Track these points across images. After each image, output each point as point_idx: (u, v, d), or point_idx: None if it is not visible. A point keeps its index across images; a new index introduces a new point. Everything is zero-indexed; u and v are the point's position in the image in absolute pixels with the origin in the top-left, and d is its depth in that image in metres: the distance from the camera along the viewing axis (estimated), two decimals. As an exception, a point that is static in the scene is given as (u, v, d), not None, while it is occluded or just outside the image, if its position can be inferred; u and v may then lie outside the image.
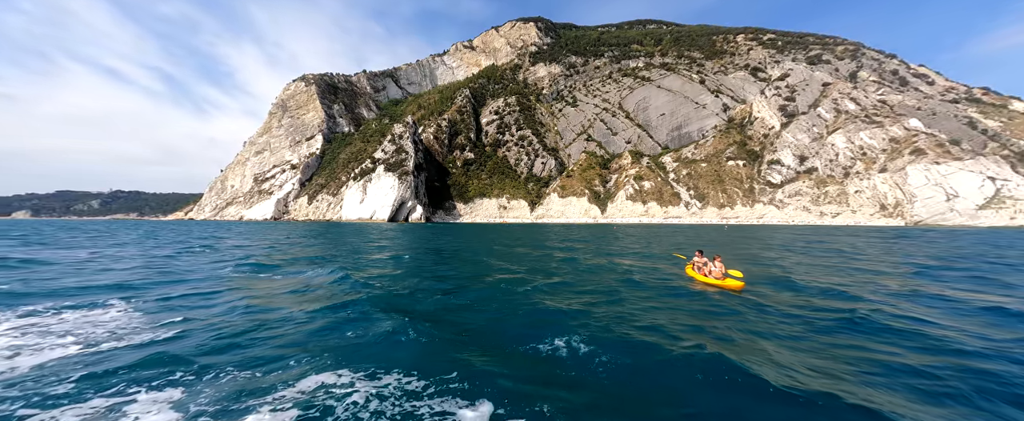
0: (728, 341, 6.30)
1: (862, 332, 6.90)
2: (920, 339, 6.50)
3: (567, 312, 7.90)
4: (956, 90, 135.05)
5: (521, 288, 10.32)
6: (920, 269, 15.42)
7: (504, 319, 7.55)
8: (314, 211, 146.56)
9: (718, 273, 9.92)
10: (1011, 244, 30.64)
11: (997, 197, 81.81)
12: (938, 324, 7.40)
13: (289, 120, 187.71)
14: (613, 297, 9.49)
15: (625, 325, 7.08)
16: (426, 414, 3.89)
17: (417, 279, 12.52)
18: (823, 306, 8.67)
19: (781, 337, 6.57)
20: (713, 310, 8.34)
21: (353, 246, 24.81)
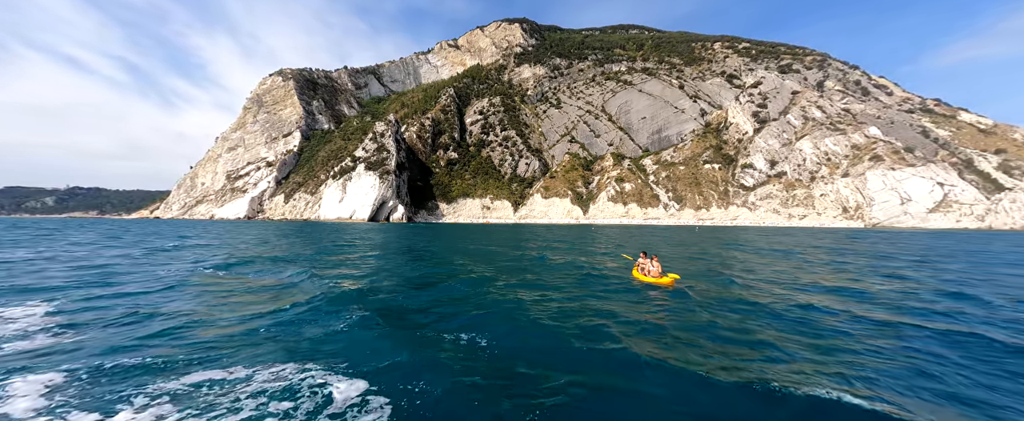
0: (632, 324, 7.01)
1: (765, 319, 7.73)
2: (809, 324, 7.35)
3: (512, 306, 8.39)
4: (911, 101, 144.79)
5: (481, 287, 10.76)
6: (842, 267, 16.82)
7: (453, 314, 7.94)
8: (291, 210, 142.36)
9: (655, 272, 10.71)
10: (935, 245, 33.40)
11: (945, 201, 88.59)
12: (829, 310, 8.32)
13: (265, 116, 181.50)
14: (562, 293, 10.13)
15: (558, 317, 7.65)
16: (307, 393, 4.23)
17: (379, 277, 12.73)
18: (739, 296, 9.68)
19: (685, 322, 7.39)
20: (632, 301, 9.19)
21: (325, 245, 24.59)
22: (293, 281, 11.48)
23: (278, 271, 13.51)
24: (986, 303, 9.47)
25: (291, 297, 9.17)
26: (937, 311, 8.57)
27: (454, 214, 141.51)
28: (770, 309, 8.47)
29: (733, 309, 8.52)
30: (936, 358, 5.72)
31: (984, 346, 6.23)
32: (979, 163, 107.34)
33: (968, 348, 6.16)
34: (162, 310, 7.93)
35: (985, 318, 8.09)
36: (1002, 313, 8.53)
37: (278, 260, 16.68)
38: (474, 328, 6.63)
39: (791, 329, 7.09)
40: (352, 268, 15.04)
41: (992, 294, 10.48)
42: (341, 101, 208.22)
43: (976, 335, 6.71)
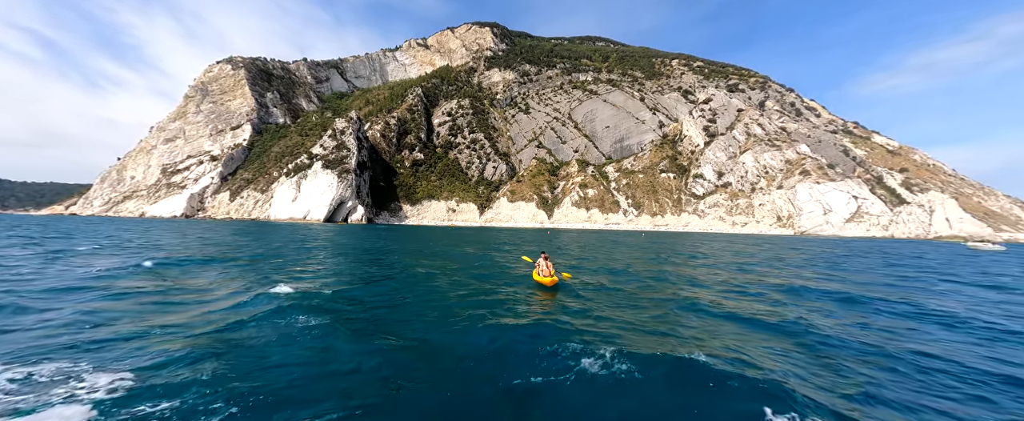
0: (514, 314, 7.66)
1: (640, 308, 8.54)
2: (697, 309, 8.16)
3: (414, 303, 8.49)
4: (835, 123, 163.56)
5: (397, 284, 10.89)
6: (740, 267, 18.69)
7: (352, 309, 7.85)
8: (238, 209, 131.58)
9: (546, 272, 11.44)
10: (828, 250, 37.95)
11: (858, 213, 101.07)
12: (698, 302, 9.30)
13: (211, 106, 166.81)
14: (468, 289, 11.04)
15: (451, 310, 8.13)
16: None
17: (305, 276, 12.18)
18: (617, 287, 11.26)
19: (563, 310, 8.51)
20: (518, 296, 10.27)
21: (266, 245, 23.00)
22: (220, 285, 10.68)
23: (209, 274, 12.51)
24: (799, 294, 11.11)
25: (216, 303, 8.55)
26: (768, 302, 10.16)
27: (418, 216, 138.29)
28: (638, 299, 10.13)
29: (608, 300, 10.19)
30: (747, 335, 7.31)
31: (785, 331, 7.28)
32: (887, 180, 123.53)
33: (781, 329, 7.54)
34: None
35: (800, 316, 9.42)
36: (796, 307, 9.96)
37: (213, 262, 15.43)
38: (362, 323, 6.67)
39: (650, 314, 8.51)
40: (282, 266, 14.26)
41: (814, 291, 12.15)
42: (299, 95, 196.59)
43: (794, 321, 7.84)
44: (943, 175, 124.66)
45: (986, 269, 22.47)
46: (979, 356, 6.72)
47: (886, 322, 9.04)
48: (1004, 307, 11.21)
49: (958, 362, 6.32)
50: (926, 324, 8.92)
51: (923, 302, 11.20)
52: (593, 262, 20.03)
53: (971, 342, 7.62)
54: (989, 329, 8.53)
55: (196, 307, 8.46)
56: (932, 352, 6.74)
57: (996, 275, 19.64)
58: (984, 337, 7.96)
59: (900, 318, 9.49)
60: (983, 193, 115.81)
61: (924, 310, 10.18)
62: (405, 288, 11.11)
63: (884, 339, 7.56)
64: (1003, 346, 7.43)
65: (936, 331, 8.36)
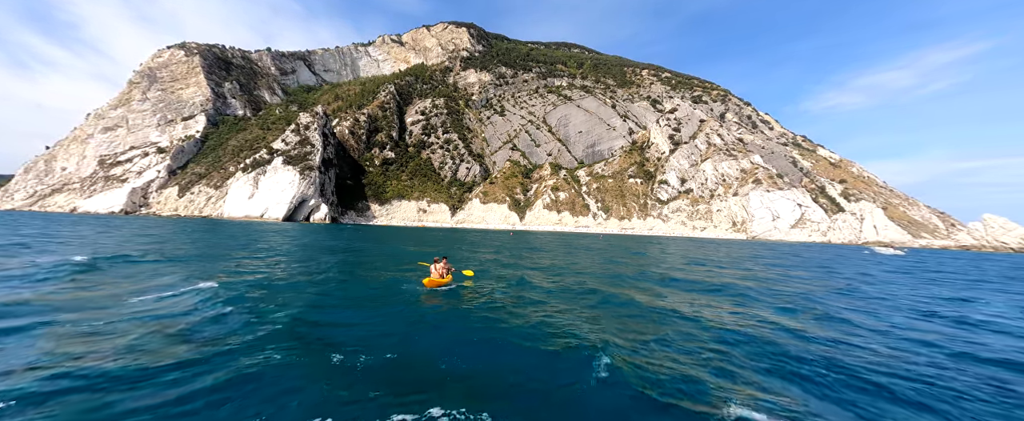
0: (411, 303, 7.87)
1: (535, 303, 8.92)
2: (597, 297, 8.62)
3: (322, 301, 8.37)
4: (787, 136, 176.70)
5: (304, 285, 10.74)
6: (673, 265, 19.88)
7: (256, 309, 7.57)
8: (187, 205, 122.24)
9: (436, 274, 11.69)
10: (757, 254, 41.07)
11: (802, 219, 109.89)
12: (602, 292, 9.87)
13: (159, 93, 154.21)
14: (371, 288, 11.52)
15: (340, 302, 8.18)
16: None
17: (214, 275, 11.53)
18: (523, 280, 11.65)
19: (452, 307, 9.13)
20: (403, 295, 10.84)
21: (205, 244, 21.46)
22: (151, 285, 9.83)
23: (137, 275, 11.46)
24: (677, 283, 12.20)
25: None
26: (638, 287, 12.27)
27: (387, 216, 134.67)
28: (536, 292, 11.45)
29: (506, 292, 11.38)
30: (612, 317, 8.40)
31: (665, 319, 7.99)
32: (829, 189, 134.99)
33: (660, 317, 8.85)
34: None
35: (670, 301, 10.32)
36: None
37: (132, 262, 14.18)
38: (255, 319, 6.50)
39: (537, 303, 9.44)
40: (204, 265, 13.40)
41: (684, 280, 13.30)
42: (261, 86, 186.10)
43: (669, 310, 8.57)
44: (875, 186, 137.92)
45: (866, 270, 25.10)
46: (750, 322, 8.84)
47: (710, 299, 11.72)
48: (834, 296, 12.85)
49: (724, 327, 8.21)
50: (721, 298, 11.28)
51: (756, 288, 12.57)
52: (529, 262, 20.41)
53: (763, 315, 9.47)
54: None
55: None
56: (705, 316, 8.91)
57: (860, 273, 22.08)
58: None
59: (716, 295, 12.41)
60: (908, 203, 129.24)
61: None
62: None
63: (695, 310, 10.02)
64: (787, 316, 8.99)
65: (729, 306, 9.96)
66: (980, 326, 9.74)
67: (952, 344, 7.94)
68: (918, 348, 7.65)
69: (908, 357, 7.06)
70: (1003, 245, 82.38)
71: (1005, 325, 9.93)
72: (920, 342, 8.04)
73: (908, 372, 6.23)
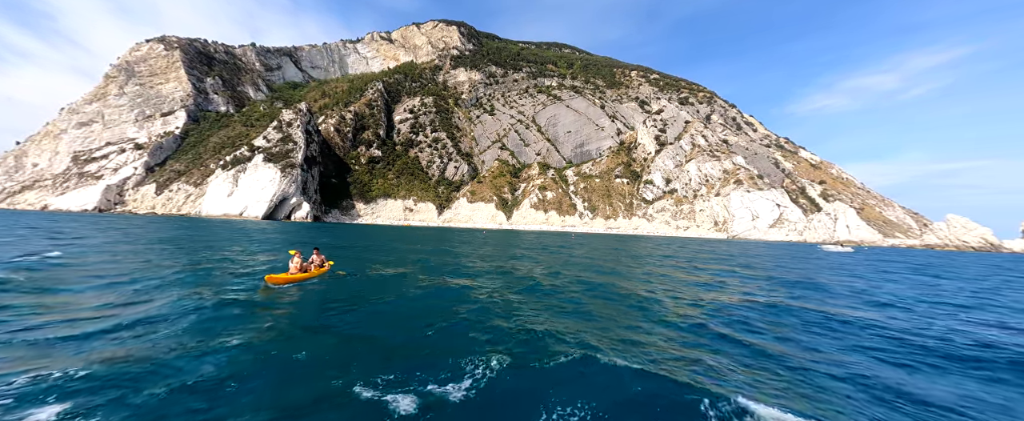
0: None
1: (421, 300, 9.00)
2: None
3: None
4: (770, 137, 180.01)
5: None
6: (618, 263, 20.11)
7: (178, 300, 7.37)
8: (165, 203, 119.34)
9: (294, 268, 11.46)
10: (726, 252, 41.78)
11: (780, 219, 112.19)
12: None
13: (137, 88, 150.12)
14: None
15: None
16: None
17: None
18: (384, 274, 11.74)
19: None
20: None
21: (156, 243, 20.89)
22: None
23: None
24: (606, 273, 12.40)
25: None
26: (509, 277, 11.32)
27: (372, 215, 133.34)
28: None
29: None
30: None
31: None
32: (809, 190, 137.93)
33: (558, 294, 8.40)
34: None
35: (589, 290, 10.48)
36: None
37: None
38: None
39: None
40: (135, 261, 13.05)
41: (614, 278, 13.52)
42: (245, 82, 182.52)
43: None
44: (854, 187, 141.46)
45: (804, 266, 25.73)
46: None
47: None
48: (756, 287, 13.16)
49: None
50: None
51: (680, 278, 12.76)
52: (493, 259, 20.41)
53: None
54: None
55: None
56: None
57: (793, 267, 22.66)
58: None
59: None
60: (884, 204, 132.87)
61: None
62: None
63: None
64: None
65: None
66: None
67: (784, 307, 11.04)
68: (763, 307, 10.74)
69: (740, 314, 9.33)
70: (965, 244, 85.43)
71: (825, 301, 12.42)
72: (767, 305, 11.25)
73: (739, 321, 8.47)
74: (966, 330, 9.25)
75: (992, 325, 10.02)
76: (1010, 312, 12.01)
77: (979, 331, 9.23)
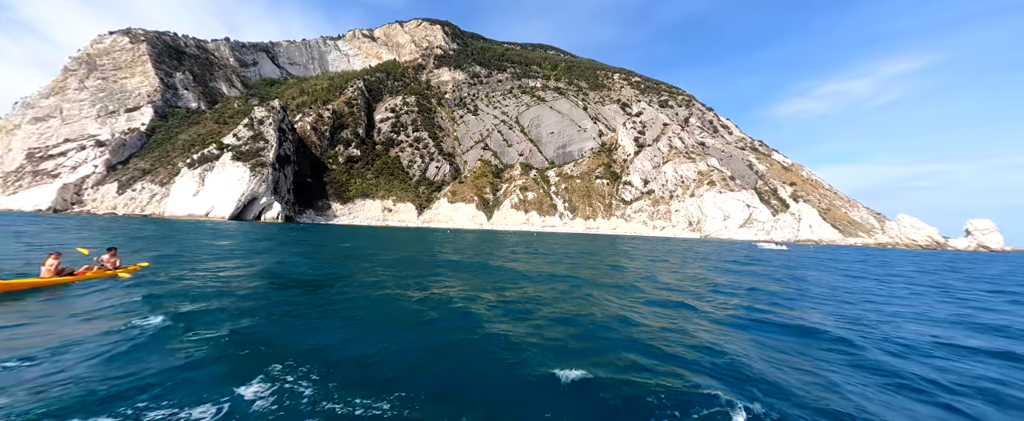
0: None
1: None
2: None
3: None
4: (745, 140, 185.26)
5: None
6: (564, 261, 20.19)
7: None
8: (127, 203, 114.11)
9: (46, 272, 10.01)
10: (689, 250, 42.72)
11: (750, 219, 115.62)
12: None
13: (99, 82, 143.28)
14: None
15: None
16: None
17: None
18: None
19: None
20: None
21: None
22: None
23: None
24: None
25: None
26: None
27: (350, 215, 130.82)
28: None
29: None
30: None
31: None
32: (780, 191, 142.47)
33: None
34: None
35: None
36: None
37: None
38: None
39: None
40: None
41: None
42: (218, 78, 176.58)
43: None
44: (822, 189, 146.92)
45: (724, 260, 26.47)
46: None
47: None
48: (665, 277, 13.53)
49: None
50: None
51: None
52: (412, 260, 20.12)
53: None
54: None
55: None
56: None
57: (705, 261, 23.29)
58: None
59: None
60: (849, 205, 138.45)
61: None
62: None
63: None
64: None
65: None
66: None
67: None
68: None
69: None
70: (913, 242, 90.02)
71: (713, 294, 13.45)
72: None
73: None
74: (745, 307, 11.02)
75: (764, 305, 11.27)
76: (814, 301, 12.94)
77: (760, 310, 10.71)
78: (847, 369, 6.26)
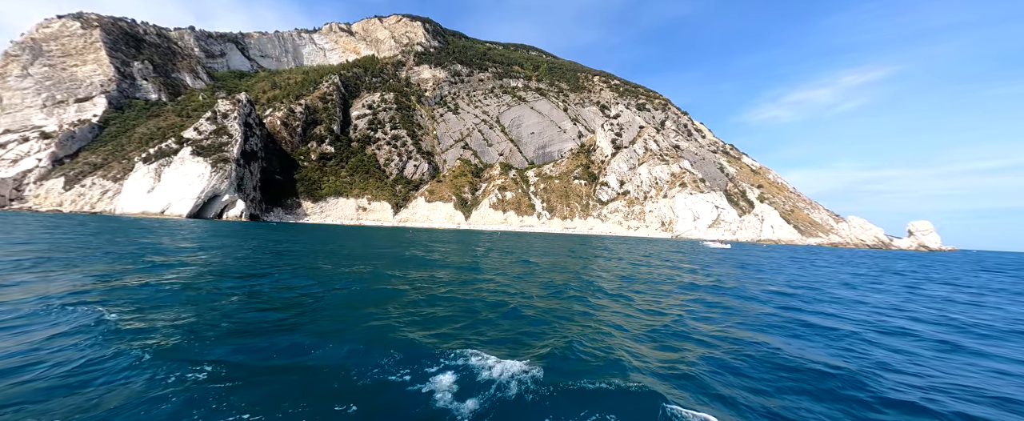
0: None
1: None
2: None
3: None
4: (717, 144, 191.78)
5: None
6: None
7: None
8: (75, 200, 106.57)
9: None
10: (658, 250, 43.70)
11: (718, 219, 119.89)
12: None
13: (46, 69, 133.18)
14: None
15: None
16: None
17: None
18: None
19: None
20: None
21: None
22: None
23: None
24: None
25: None
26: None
27: (321, 214, 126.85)
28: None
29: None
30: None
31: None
32: (749, 193, 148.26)
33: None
34: None
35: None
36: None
37: None
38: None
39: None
40: None
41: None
42: (182, 68, 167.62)
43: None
44: (786, 191, 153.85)
45: (669, 256, 27.26)
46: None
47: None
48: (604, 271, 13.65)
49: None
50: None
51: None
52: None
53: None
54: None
55: None
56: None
57: (651, 258, 23.95)
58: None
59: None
60: (811, 206, 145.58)
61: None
62: None
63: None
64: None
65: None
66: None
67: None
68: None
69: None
70: (862, 242, 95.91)
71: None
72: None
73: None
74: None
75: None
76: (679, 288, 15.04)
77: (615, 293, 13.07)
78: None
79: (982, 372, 6.74)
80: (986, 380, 6.34)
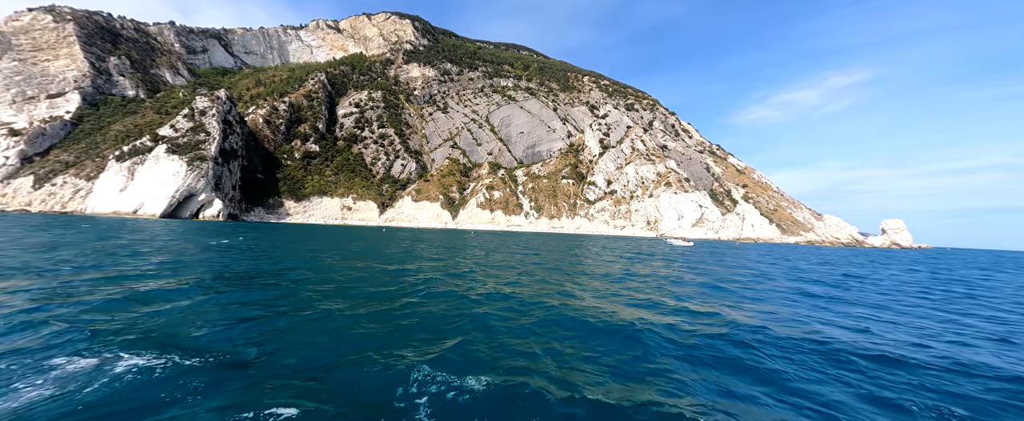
0: None
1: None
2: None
3: None
4: (704, 144, 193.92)
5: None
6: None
7: None
8: (45, 199, 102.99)
9: None
10: (633, 248, 43.71)
11: (701, 218, 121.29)
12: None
13: (15, 64, 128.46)
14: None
15: None
16: None
17: None
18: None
19: None
20: None
21: None
22: None
23: None
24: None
25: None
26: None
27: (305, 214, 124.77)
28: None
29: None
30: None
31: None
32: (734, 193, 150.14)
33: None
34: None
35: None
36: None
37: None
38: None
39: None
40: None
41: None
42: (161, 64, 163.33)
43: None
44: (770, 191, 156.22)
45: (634, 253, 27.21)
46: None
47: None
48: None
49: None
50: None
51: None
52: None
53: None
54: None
55: None
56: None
57: (613, 254, 23.87)
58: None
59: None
60: (793, 206, 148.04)
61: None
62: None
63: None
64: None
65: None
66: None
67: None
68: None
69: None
70: (837, 240, 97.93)
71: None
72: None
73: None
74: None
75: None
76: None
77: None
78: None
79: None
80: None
